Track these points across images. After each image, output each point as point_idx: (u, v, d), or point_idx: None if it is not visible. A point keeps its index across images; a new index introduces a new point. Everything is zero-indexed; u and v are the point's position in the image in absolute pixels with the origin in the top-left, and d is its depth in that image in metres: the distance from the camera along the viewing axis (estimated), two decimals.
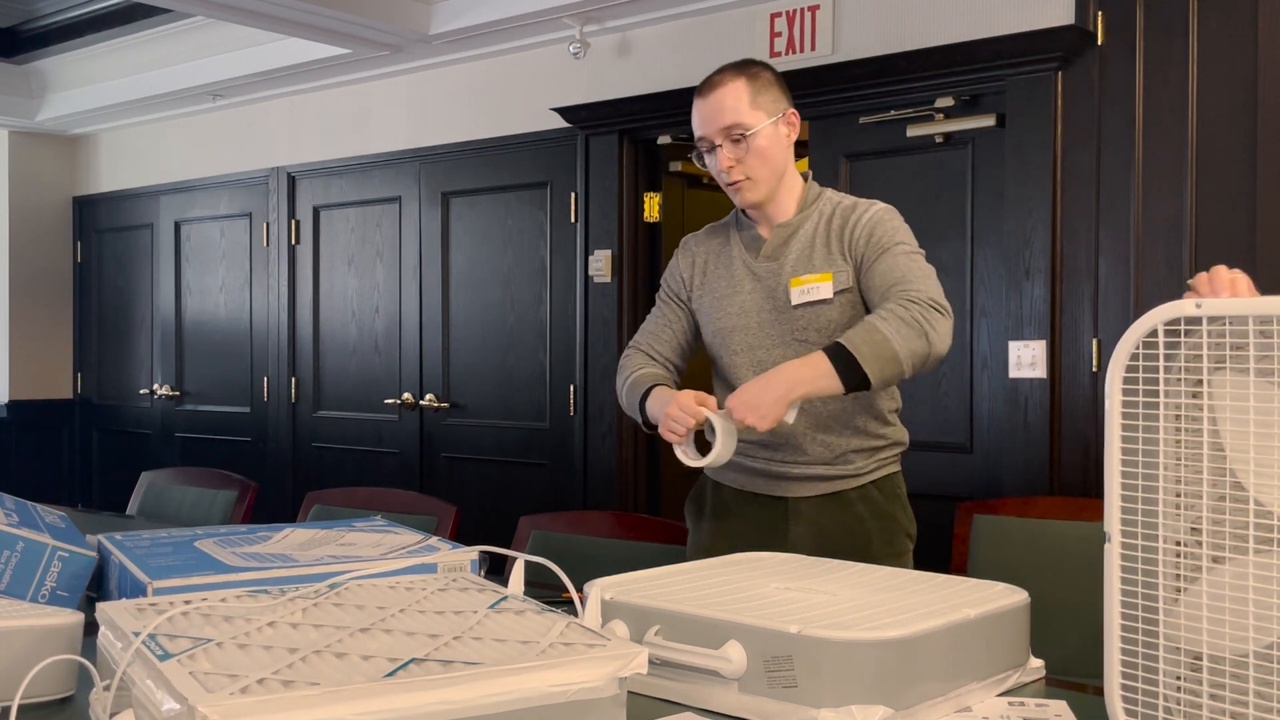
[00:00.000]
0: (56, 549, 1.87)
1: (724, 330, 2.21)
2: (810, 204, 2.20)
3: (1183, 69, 3.24)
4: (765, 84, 2.15)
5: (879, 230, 2.11)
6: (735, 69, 2.16)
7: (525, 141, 4.72)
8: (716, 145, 2.14)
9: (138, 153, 6.41)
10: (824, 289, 2.11)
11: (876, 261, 2.08)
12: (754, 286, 2.19)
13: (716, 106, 2.13)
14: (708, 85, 2.16)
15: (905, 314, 1.96)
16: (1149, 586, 1.21)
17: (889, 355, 1.93)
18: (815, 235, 2.16)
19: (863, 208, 2.16)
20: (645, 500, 4.49)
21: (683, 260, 2.33)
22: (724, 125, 2.12)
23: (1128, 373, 1.23)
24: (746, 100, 2.13)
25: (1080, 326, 3.40)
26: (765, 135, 2.13)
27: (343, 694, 1.01)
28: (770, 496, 2.18)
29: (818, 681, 1.31)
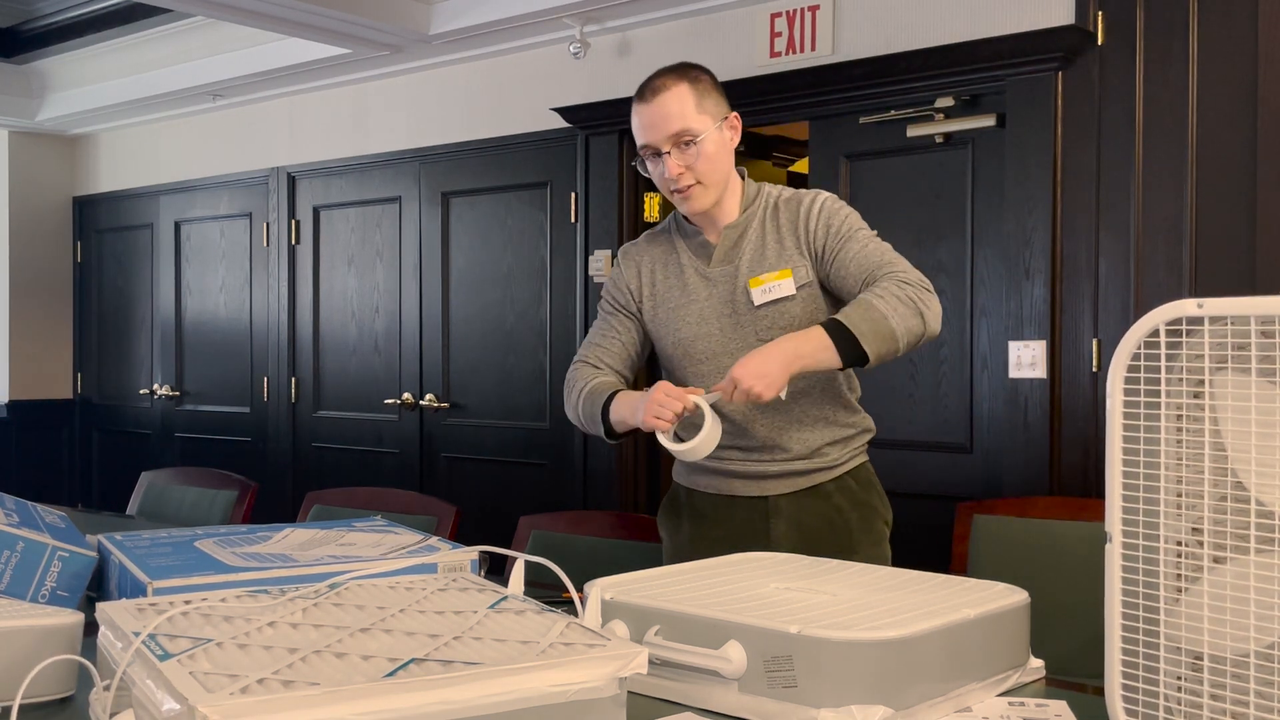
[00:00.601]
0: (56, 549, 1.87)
1: (685, 340, 2.18)
2: (752, 201, 2.18)
3: (1183, 69, 3.24)
4: (707, 87, 2.12)
5: (834, 220, 2.10)
6: (677, 73, 2.12)
7: (525, 141, 4.72)
8: (664, 152, 2.09)
9: (138, 153, 6.41)
10: (786, 285, 2.10)
11: (842, 251, 2.07)
12: (710, 293, 2.16)
13: (662, 113, 2.08)
14: (649, 90, 2.11)
15: (900, 293, 1.97)
16: (1150, 586, 1.21)
17: (886, 332, 1.94)
18: (765, 232, 2.15)
19: (808, 199, 2.15)
20: (645, 500, 4.49)
21: (627, 271, 2.27)
22: (672, 131, 2.08)
23: (1129, 373, 1.22)
24: (692, 105, 2.09)
25: (1080, 326, 3.40)
26: (712, 140, 2.10)
27: (343, 694, 1.01)
28: (749, 497, 2.17)
29: (818, 681, 1.31)
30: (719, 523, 2.19)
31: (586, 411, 2.18)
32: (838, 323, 1.95)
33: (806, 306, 2.10)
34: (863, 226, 2.11)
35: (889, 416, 3.58)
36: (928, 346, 3.65)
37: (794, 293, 2.09)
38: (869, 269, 2.04)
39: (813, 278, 2.11)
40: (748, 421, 2.14)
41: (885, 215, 3.75)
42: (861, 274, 2.05)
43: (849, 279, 2.06)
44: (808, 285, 2.10)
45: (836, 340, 1.93)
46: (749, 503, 2.17)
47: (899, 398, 3.74)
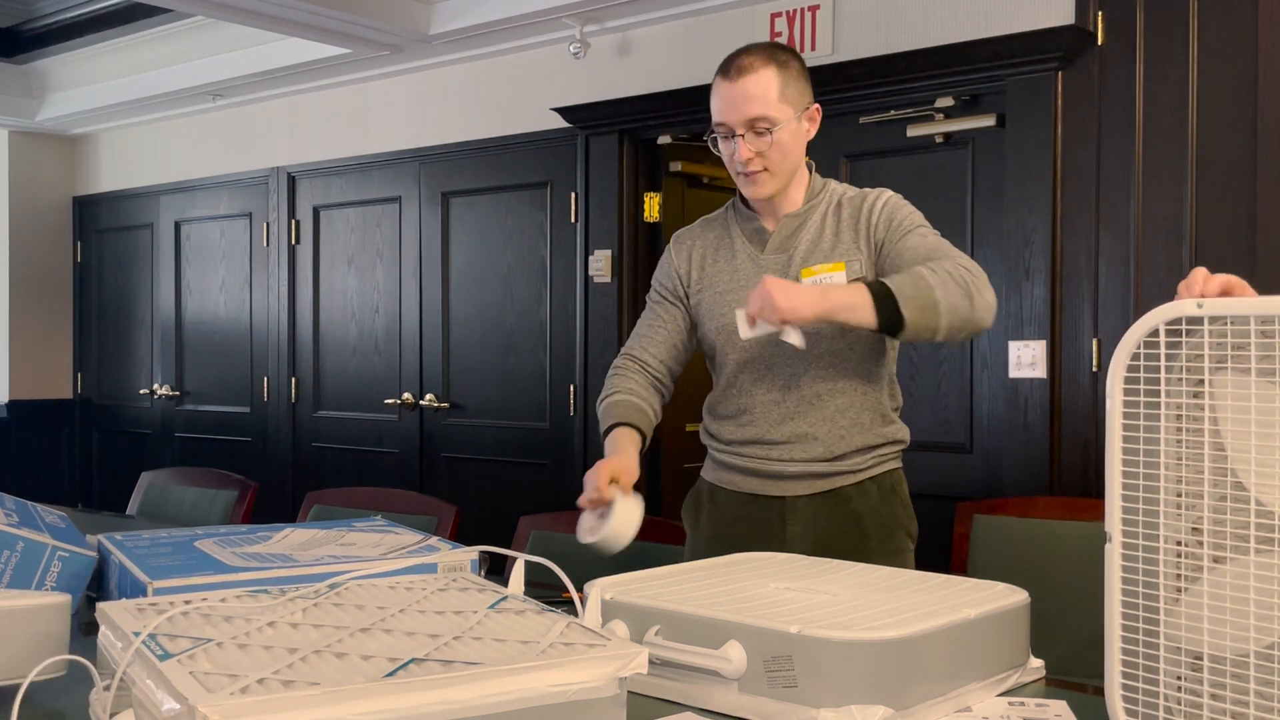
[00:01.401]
0: (56, 549, 1.87)
1: (728, 327, 2.12)
2: (816, 194, 2.14)
3: (1183, 69, 3.24)
4: (794, 75, 2.06)
5: (898, 215, 2.07)
6: (766, 55, 2.04)
7: (525, 141, 4.72)
8: (738, 134, 2.04)
9: (138, 153, 6.41)
10: (837, 278, 2.04)
11: (901, 242, 2.03)
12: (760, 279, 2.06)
13: (743, 94, 2.02)
14: (735, 69, 2.03)
15: (955, 273, 1.91)
16: (1150, 586, 1.21)
17: (929, 302, 1.87)
18: (824, 224, 2.11)
19: (873, 195, 2.11)
20: (646, 500, 4.48)
21: (677, 256, 2.25)
22: (750, 116, 2.02)
23: (1129, 373, 1.22)
24: (776, 91, 2.03)
25: (1080, 326, 3.40)
26: (789, 130, 2.05)
27: (343, 694, 1.01)
28: (767, 496, 2.15)
29: (818, 681, 1.31)
30: (737, 520, 2.17)
31: (601, 421, 2.19)
32: (882, 283, 1.89)
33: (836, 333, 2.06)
34: (925, 223, 2.08)
35: None
36: (928, 347, 3.65)
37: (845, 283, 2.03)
38: (926, 255, 1.99)
39: (867, 272, 2.06)
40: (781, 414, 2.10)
41: None
42: (917, 260, 1.98)
43: (904, 266, 2.00)
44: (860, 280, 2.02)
45: (877, 298, 1.86)
46: (766, 502, 2.15)
47: None
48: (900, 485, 2.19)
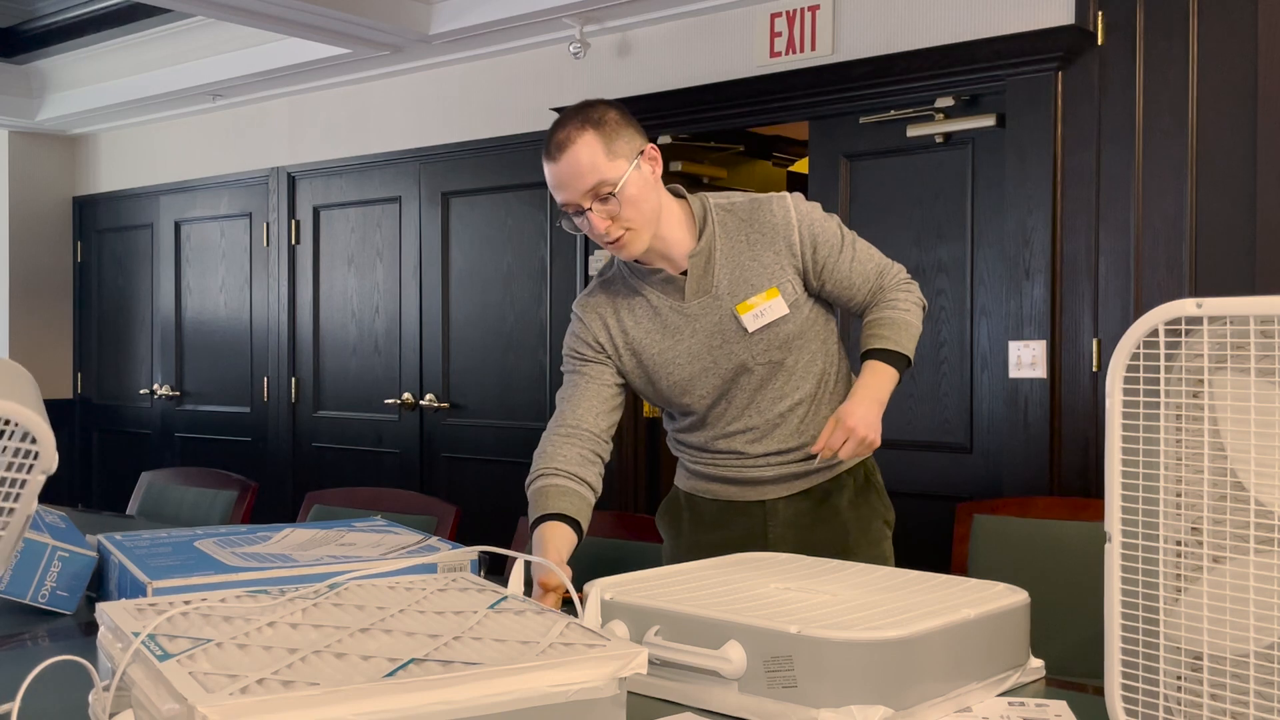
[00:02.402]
0: (56, 549, 1.87)
1: (682, 381, 2.08)
2: (704, 220, 2.06)
3: (1183, 69, 3.24)
4: (615, 128, 1.96)
5: (816, 230, 2.06)
6: (579, 121, 1.95)
7: (526, 141, 4.72)
8: (585, 209, 1.95)
9: (138, 153, 6.41)
10: (777, 306, 2.03)
11: (836, 264, 2.06)
12: (693, 329, 2.06)
13: (572, 170, 1.93)
14: (555, 147, 1.94)
15: (915, 299, 2.10)
16: (1149, 586, 1.21)
17: (916, 339, 2.08)
18: (736, 252, 2.05)
19: (775, 207, 2.05)
20: (645, 500, 4.49)
21: (592, 325, 2.11)
22: (587, 187, 1.93)
23: (1128, 372, 1.22)
24: (602, 154, 1.93)
25: (1080, 326, 3.40)
26: (632, 183, 1.95)
27: (343, 694, 1.01)
28: (746, 502, 2.15)
29: (818, 681, 1.31)
30: (718, 527, 2.17)
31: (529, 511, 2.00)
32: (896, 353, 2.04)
33: (800, 321, 2.06)
34: (842, 230, 2.10)
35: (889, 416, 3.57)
36: (928, 347, 3.65)
37: (787, 312, 2.04)
38: (871, 278, 2.09)
39: (800, 292, 2.06)
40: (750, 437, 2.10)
41: (885, 215, 3.75)
42: (865, 284, 2.08)
43: (851, 289, 2.08)
44: (797, 301, 2.05)
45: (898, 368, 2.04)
46: (746, 507, 2.15)
47: (899, 397, 3.73)
48: (874, 474, 2.21)
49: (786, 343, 2.06)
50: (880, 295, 2.10)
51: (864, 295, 2.09)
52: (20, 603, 1.87)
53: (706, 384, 2.08)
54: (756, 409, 2.09)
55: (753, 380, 2.07)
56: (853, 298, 2.09)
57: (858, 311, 2.13)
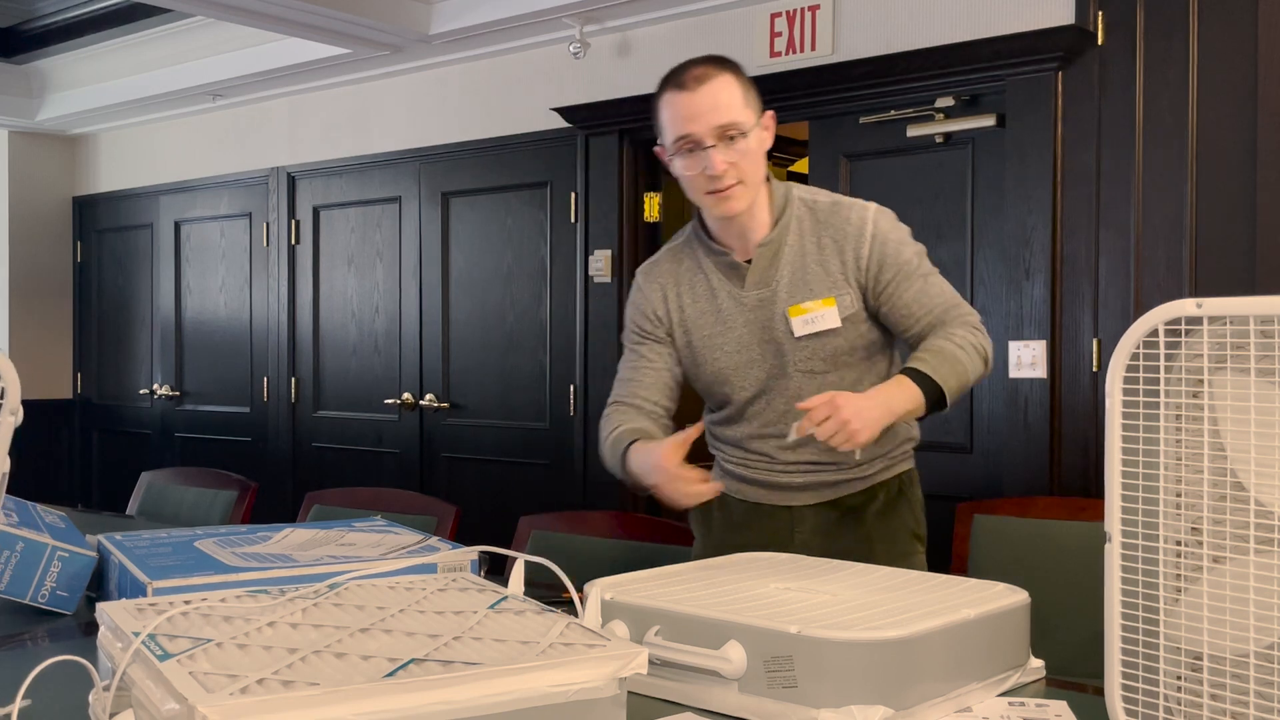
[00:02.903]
0: (56, 549, 1.87)
1: (724, 371, 2.07)
2: (782, 211, 2.02)
3: (1183, 69, 3.24)
4: (748, 83, 2.00)
5: (891, 253, 1.98)
6: (718, 63, 1.97)
7: (525, 141, 4.72)
8: (708, 145, 1.92)
9: (138, 153, 6.41)
10: (829, 316, 1.98)
11: (899, 290, 1.97)
12: (746, 319, 2.03)
13: (710, 102, 1.91)
14: (692, 78, 1.93)
15: (975, 343, 1.95)
16: (1149, 586, 1.21)
17: (963, 384, 1.92)
18: (804, 252, 2.00)
19: (856, 219, 2.00)
20: (645, 500, 4.48)
21: (651, 295, 2.12)
22: (720, 123, 1.92)
23: (1128, 372, 1.22)
24: (740, 97, 1.95)
25: (1080, 326, 3.40)
26: (756, 138, 1.97)
27: (343, 694, 1.01)
28: (773, 506, 2.13)
29: (818, 681, 1.31)
30: (746, 528, 2.15)
31: (611, 463, 2.07)
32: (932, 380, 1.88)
33: (850, 338, 2.00)
34: (916, 253, 2.00)
35: None
36: None
37: (838, 325, 1.98)
38: (934, 312, 1.97)
39: (858, 308, 1.99)
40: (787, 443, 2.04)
41: None
42: (924, 315, 1.98)
43: (908, 319, 1.99)
44: (851, 316, 1.99)
45: (928, 395, 1.88)
46: (773, 511, 2.12)
47: None
48: (910, 487, 2.14)
49: (833, 357, 2.00)
50: (939, 329, 1.97)
51: (921, 327, 1.99)
52: (20, 603, 1.87)
53: (748, 378, 2.05)
54: (793, 416, 2.00)
55: (790, 386, 2.03)
56: (909, 328, 2.00)
57: (913, 344, 2.01)
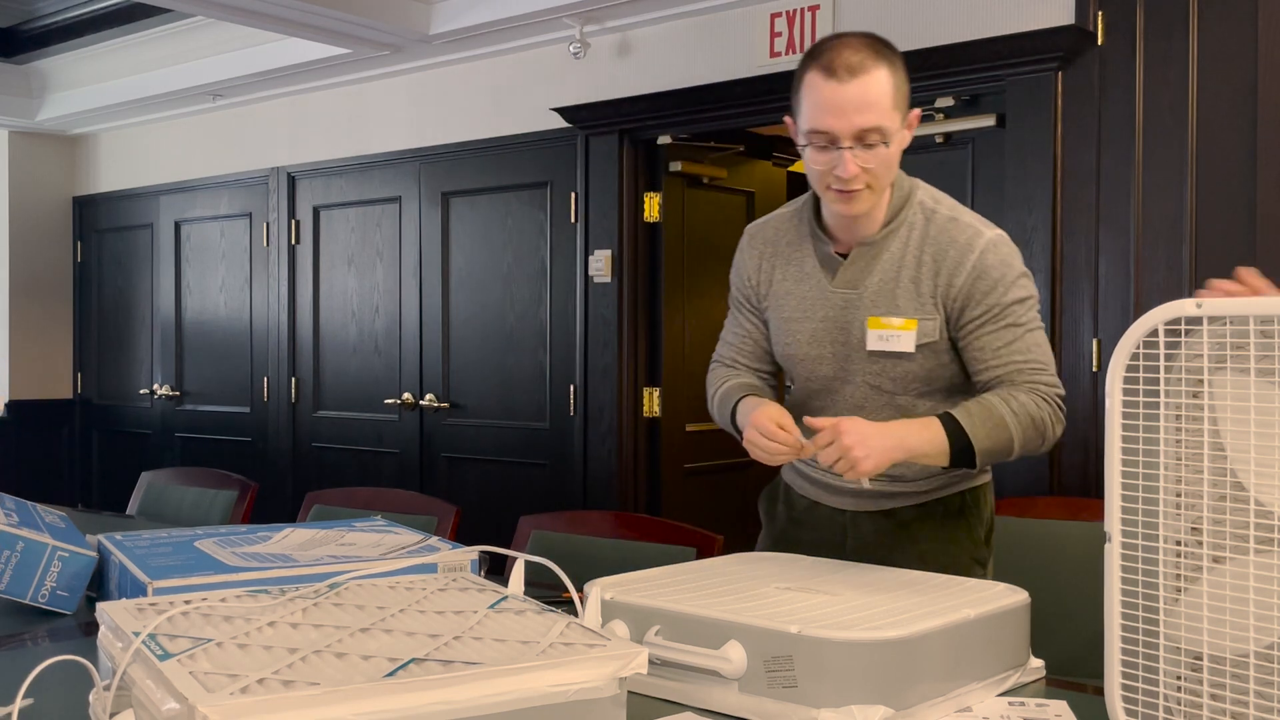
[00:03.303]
0: (56, 549, 1.87)
1: (793, 358, 1.98)
2: (898, 212, 1.87)
3: (1183, 69, 3.24)
4: (904, 77, 1.79)
5: (984, 286, 1.81)
6: (873, 50, 1.76)
7: (525, 141, 4.72)
8: (844, 146, 1.75)
9: (138, 153, 6.41)
10: (905, 339, 1.84)
11: (982, 330, 1.82)
12: (826, 314, 1.92)
13: (859, 101, 1.73)
14: (845, 68, 1.73)
15: (1036, 413, 1.78)
16: (1149, 586, 1.21)
17: (1003, 451, 1.77)
18: (903, 263, 1.86)
19: (962, 238, 1.83)
20: (645, 500, 4.49)
21: (749, 259, 2.02)
22: (863, 126, 1.74)
23: (1128, 372, 1.22)
24: (890, 97, 1.75)
25: (1080, 326, 3.40)
26: (897, 141, 1.79)
27: (343, 694, 1.01)
28: (829, 508, 2.06)
29: (818, 681, 1.31)
30: (804, 525, 2.10)
31: (720, 417, 2.02)
32: (964, 433, 1.74)
33: (924, 366, 1.88)
34: (1021, 306, 1.82)
35: None
36: None
37: (912, 350, 1.85)
38: (1007, 367, 1.81)
39: (938, 336, 1.85)
40: None
41: None
42: (997, 366, 1.82)
43: (978, 364, 1.84)
44: (930, 345, 1.86)
45: (954, 446, 1.74)
46: (831, 513, 2.06)
47: None
48: (973, 507, 2.01)
49: (901, 380, 1.89)
50: (1006, 387, 1.81)
51: (988, 377, 1.83)
52: (20, 603, 1.87)
53: (815, 372, 1.96)
54: None
55: (854, 395, 1.94)
56: (977, 374, 1.85)
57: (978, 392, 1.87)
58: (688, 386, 4.54)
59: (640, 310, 4.48)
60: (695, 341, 4.59)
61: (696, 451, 4.59)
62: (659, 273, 4.50)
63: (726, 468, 4.74)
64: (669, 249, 4.52)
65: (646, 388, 4.48)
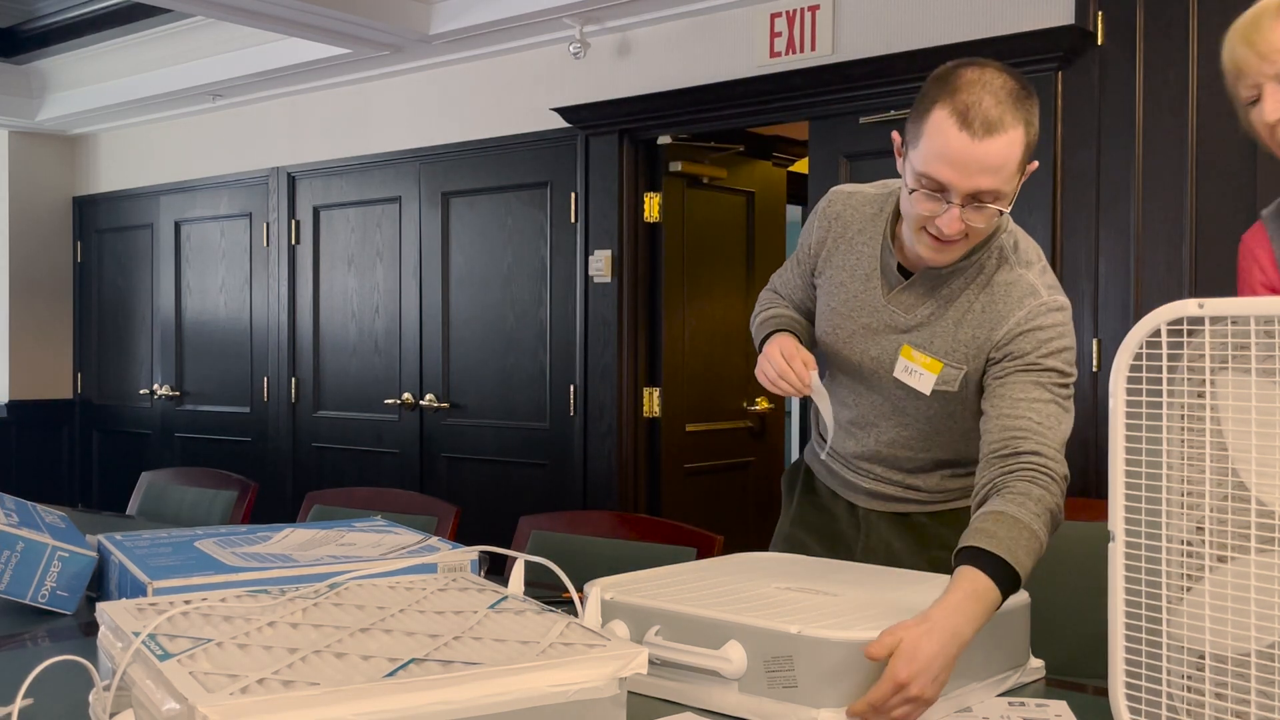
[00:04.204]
0: (56, 549, 1.87)
1: (829, 347, 1.95)
2: (978, 248, 1.77)
3: (1183, 69, 3.23)
4: (1034, 139, 1.66)
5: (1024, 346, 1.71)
6: (1016, 105, 1.61)
7: (525, 141, 4.72)
8: (954, 203, 1.63)
9: (138, 153, 6.41)
10: (925, 380, 1.80)
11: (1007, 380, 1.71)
12: (868, 323, 1.87)
13: (988, 162, 1.60)
14: (984, 124, 1.58)
15: (1052, 503, 1.61)
16: (1153, 585, 1.21)
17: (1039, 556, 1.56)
18: (955, 303, 1.79)
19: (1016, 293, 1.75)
20: (645, 500, 4.48)
21: (817, 228, 1.95)
22: (981, 188, 1.62)
23: (1131, 372, 1.22)
24: (1017, 163, 1.63)
25: (1080, 326, 3.40)
26: (1007, 202, 1.66)
27: (343, 694, 1.01)
28: (848, 502, 2.05)
29: (818, 681, 1.31)
30: (825, 511, 2.09)
31: (756, 340, 2.01)
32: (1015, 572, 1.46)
33: (940, 406, 1.84)
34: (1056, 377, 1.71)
35: None
36: None
37: (926, 393, 1.81)
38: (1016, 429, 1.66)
39: (956, 389, 1.80)
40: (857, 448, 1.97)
41: None
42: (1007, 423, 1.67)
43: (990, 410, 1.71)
44: (945, 393, 1.81)
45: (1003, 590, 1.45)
46: (849, 506, 2.05)
47: None
48: None
49: (919, 409, 1.86)
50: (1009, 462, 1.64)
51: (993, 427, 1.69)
52: (20, 603, 1.87)
53: (845, 367, 1.94)
54: (875, 429, 1.94)
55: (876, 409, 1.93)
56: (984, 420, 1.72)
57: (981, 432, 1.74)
58: (688, 386, 4.54)
59: (640, 310, 4.47)
60: (695, 341, 4.59)
61: (696, 451, 4.59)
62: (659, 273, 4.50)
63: (726, 468, 4.74)
64: (669, 249, 4.52)
65: (646, 388, 4.48)
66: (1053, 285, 1.79)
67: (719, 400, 4.68)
